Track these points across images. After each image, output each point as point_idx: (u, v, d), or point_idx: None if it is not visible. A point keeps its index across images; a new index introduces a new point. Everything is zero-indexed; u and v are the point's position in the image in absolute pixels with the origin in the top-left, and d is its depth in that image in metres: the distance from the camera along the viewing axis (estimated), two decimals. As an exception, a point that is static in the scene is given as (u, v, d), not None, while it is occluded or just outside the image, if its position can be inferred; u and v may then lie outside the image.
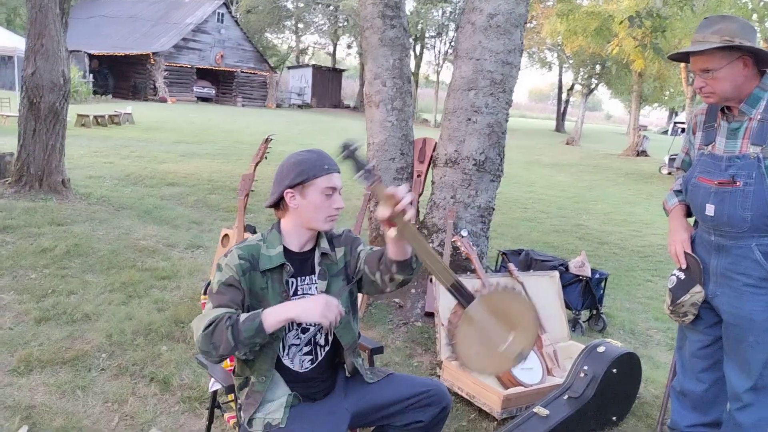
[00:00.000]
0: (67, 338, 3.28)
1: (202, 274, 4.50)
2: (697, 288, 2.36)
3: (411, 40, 36.45)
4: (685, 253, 2.40)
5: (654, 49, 6.86)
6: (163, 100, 29.47)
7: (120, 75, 31.03)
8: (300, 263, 1.92)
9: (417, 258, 1.77)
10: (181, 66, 31.23)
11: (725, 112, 2.27)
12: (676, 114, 47.65)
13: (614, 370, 2.95)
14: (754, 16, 13.96)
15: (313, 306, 1.68)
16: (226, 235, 4.16)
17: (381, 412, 1.96)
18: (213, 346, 1.69)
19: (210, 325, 1.69)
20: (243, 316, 1.69)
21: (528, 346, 1.80)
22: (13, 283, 4.00)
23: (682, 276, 2.41)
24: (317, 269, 1.94)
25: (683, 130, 21.31)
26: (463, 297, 1.70)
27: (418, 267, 1.81)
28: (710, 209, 2.25)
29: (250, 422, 1.82)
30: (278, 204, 1.90)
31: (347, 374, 2.01)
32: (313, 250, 1.96)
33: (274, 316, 1.68)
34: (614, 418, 3.01)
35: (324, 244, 1.97)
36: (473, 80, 3.96)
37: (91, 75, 28.74)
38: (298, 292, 1.91)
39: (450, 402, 2.01)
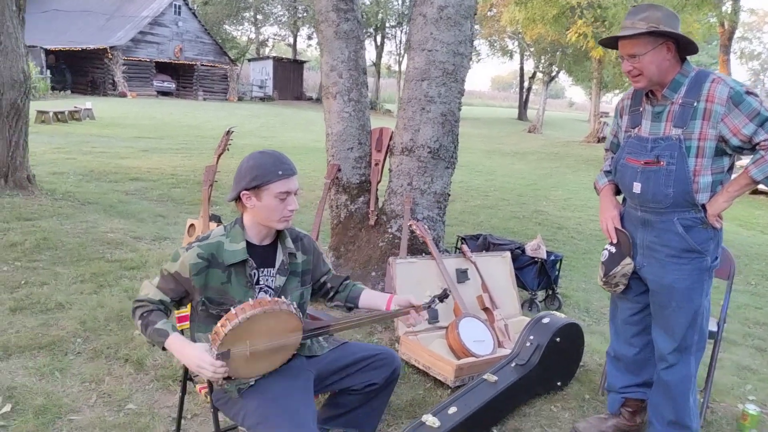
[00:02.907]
0: (42, 326, 3.39)
1: (169, 264, 4.63)
2: (627, 260, 2.55)
3: (372, 29, 36.57)
4: (616, 229, 2.60)
5: (595, 37, 7.13)
6: (123, 95, 28.96)
7: (78, 70, 30.34)
8: (262, 256, 2.05)
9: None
10: (140, 60, 30.69)
11: (649, 97, 2.45)
12: (636, 100, 48.44)
13: (558, 339, 3.14)
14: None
15: (192, 362, 1.84)
16: (192, 225, 4.30)
17: (338, 374, 2.15)
18: (132, 314, 1.98)
19: (138, 301, 1.98)
20: (159, 324, 1.90)
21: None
22: (-15, 276, 4.08)
23: (614, 250, 2.60)
24: (277, 264, 2.08)
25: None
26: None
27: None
28: (637, 187, 2.44)
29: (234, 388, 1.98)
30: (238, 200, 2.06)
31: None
32: (273, 244, 2.10)
33: (172, 348, 1.88)
34: (559, 383, 3.21)
35: (289, 243, 2.12)
36: (426, 71, 4.15)
37: (49, 71, 28.04)
38: (260, 282, 2.05)
39: (400, 364, 2.21)
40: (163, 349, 1.90)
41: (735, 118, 2.25)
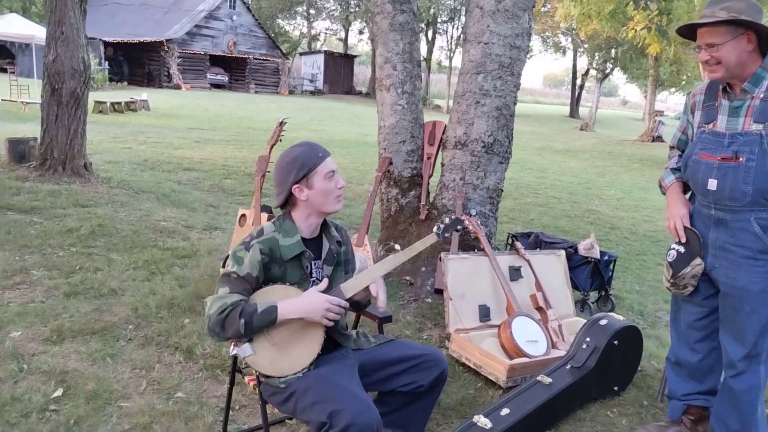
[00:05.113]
0: (96, 311, 3.46)
1: (220, 254, 4.67)
2: (698, 260, 2.43)
3: (423, 25, 36.44)
4: (685, 228, 2.48)
5: (659, 31, 6.82)
6: (177, 87, 29.67)
7: (135, 62, 31.26)
8: (313, 248, 2.07)
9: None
10: (195, 53, 31.40)
11: (727, 91, 2.34)
12: (693, 99, 46.85)
13: (615, 342, 3.04)
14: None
15: (315, 309, 1.91)
16: (243, 215, 4.32)
17: (383, 371, 2.10)
18: (222, 328, 1.85)
19: (225, 309, 1.85)
20: (260, 308, 1.85)
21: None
22: (42, 260, 4.19)
23: (682, 249, 2.48)
24: (324, 254, 2.09)
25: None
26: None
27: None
28: (712, 184, 2.33)
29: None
30: (286, 202, 2.04)
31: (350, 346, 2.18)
32: (319, 236, 2.10)
33: (288, 313, 1.89)
34: (616, 388, 3.11)
35: (334, 232, 2.13)
36: (482, 64, 4.05)
37: (107, 62, 29.01)
38: (313, 275, 2.06)
39: (447, 367, 2.15)
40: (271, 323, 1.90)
41: None
